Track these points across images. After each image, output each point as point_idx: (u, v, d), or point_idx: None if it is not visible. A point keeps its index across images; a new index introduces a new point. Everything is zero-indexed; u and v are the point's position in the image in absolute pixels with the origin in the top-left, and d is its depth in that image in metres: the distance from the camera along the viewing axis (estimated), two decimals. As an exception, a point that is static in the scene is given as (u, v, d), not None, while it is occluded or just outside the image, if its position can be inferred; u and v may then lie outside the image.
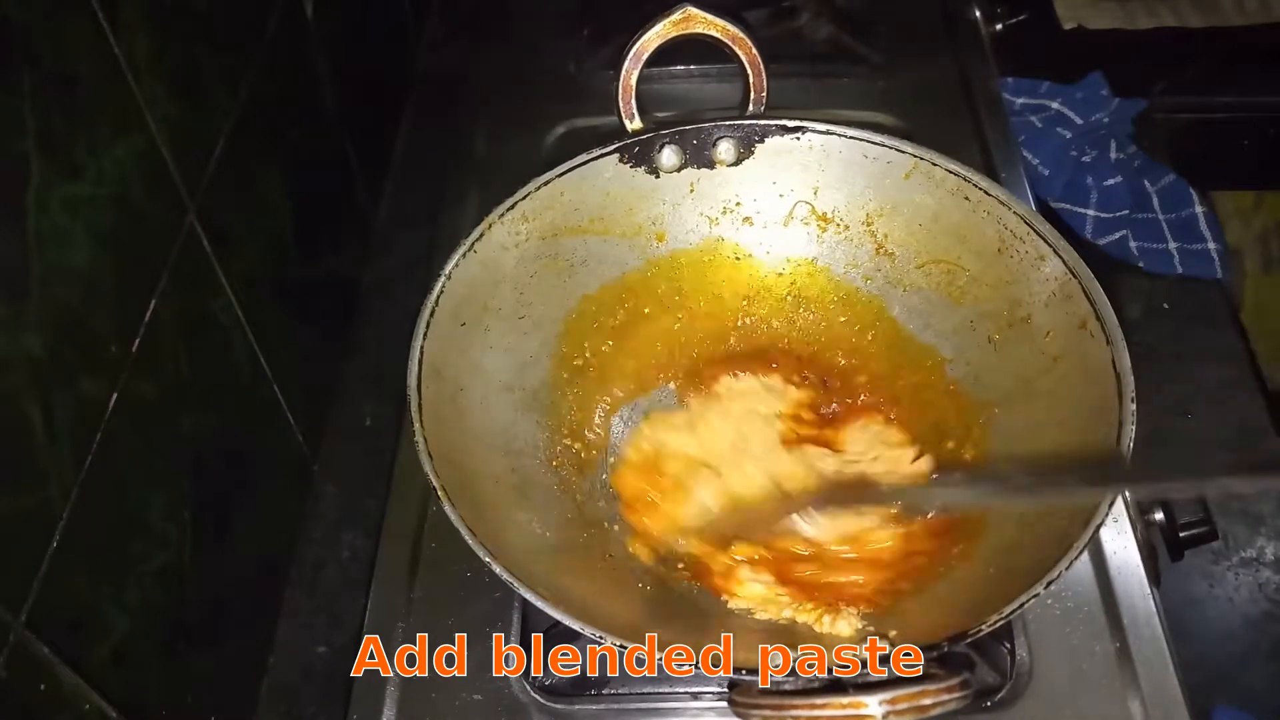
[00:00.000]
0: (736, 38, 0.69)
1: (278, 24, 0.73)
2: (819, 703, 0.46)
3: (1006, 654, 0.63)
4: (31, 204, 0.45)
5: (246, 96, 0.67)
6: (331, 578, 0.74)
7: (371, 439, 0.80)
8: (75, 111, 0.48)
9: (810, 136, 0.70)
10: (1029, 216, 0.64)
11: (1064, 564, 0.50)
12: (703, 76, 1.01)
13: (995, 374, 0.67)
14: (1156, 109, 1.11)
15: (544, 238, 0.70)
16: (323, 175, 0.85)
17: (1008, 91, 1.09)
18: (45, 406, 0.46)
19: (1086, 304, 0.60)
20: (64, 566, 0.47)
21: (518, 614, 0.66)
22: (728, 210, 0.74)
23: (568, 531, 0.64)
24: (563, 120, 0.98)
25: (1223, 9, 1.21)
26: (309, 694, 0.69)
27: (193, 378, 0.59)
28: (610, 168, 0.70)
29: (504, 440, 0.65)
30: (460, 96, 1.03)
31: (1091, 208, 1.05)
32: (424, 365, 0.60)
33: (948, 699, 0.45)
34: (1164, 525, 0.72)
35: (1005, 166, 0.93)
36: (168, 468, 0.57)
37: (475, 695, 0.64)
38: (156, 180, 0.56)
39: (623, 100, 0.70)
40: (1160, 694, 0.62)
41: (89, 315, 0.49)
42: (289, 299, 0.74)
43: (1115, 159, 1.07)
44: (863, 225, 0.73)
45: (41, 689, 0.46)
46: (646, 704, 0.63)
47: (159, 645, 0.56)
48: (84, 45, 0.49)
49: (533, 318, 0.70)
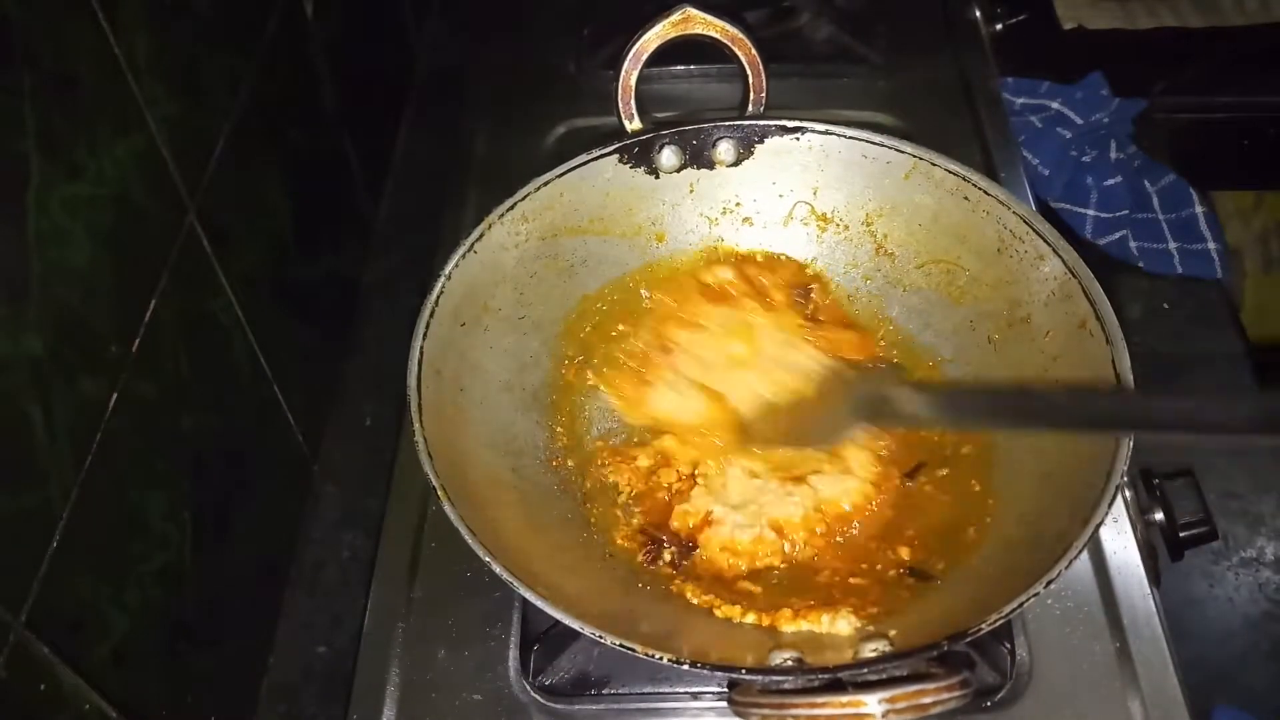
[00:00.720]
0: (736, 38, 0.69)
1: (278, 24, 0.73)
2: (819, 701, 0.46)
3: (1006, 654, 0.63)
4: (31, 204, 0.45)
5: (246, 96, 0.67)
6: (331, 578, 0.74)
7: (371, 439, 0.80)
8: (75, 111, 0.48)
9: (810, 137, 0.70)
10: (1029, 216, 0.64)
11: (1064, 564, 0.50)
12: (703, 76, 1.01)
13: (995, 374, 0.67)
14: (1156, 109, 1.11)
15: (544, 238, 0.70)
16: (323, 175, 0.85)
17: (1008, 91, 1.09)
18: (45, 406, 0.46)
19: (1086, 304, 0.60)
20: (64, 566, 0.47)
21: (518, 614, 0.66)
22: (727, 210, 0.74)
23: (568, 531, 0.64)
24: (563, 120, 0.98)
25: (1223, 9, 1.21)
26: (309, 694, 0.69)
27: (193, 378, 0.59)
28: (610, 168, 0.70)
29: (504, 440, 0.65)
30: (460, 96, 1.03)
31: (1091, 208, 1.05)
32: (424, 365, 0.60)
33: (947, 698, 0.45)
34: (1164, 525, 0.72)
35: (1005, 166, 0.93)
36: (168, 468, 0.57)
37: (475, 695, 0.64)
38: (156, 180, 0.56)
39: (623, 100, 0.70)
40: (1160, 694, 0.62)
41: (89, 315, 0.49)
42: (289, 299, 0.74)
43: (1115, 159, 1.07)
44: (862, 225, 0.73)
45: (41, 689, 0.46)
46: (646, 704, 0.63)
47: (159, 645, 0.56)
48: (84, 45, 0.49)
49: (533, 318, 0.70)
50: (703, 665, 0.49)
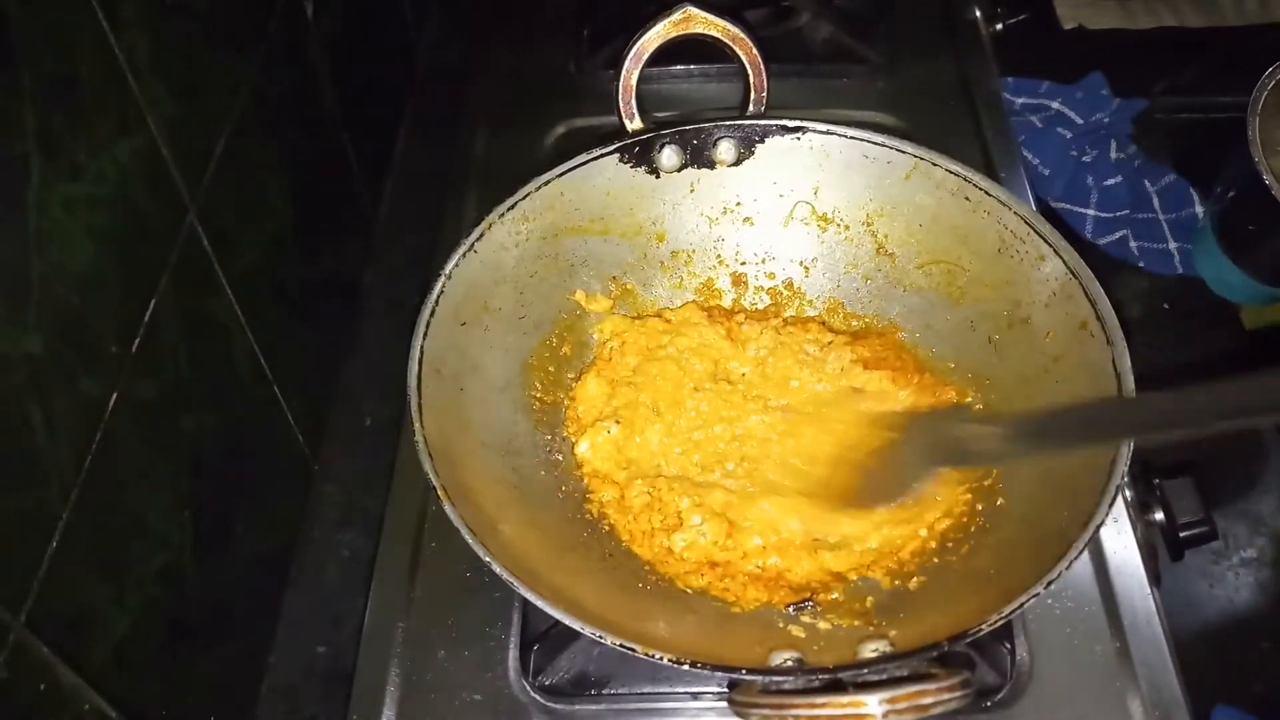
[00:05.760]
0: (736, 38, 0.69)
1: (278, 24, 0.73)
2: (819, 702, 0.46)
3: (1006, 654, 0.63)
4: (31, 204, 0.45)
5: (246, 96, 0.67)
6: (331, 578, 0.74)
7: (371, 439, 0.80)
8: (75, 111, 0.48)
9: (810, 137, 0.70)
10: (1029, 216, 0.64)
11: (1064, 564, 0.50)
12: (703, 76, 1.01)
13: (995, 374, 0.67)
14: (1156, 109, 1.11)
15: (544, 238, 0.70)
16: (323, 175, 0.85)
17: (1008, 91, 1.09)
18: (45, 406, 0.46)
19: (1086, 304, 0.60)
20: (64, 566, 0.47)
21: (518, 614, 0.66)
22: (728, 210, 0.74)
23: (568, 531, 0.64)
24: (563, 120, 0.98)
25: (1223, 9, 1.21)
26: (309, 694, 0.69)
27: (193, 378, 0.59)
28: (610, 168, 0.70)
29: (504, 440, 0.65)
30: (460, 96, 1.03)
31: (1091, 208, 1.05)
32: (424, 365, 0.60)
33: (948, 698, 0.45)
34: (1164, 525, 0.72)
35: (1005, 166, 0.93)
36: (168, 468, 0.57)
37: (475, 695, 0.64)
38: (156, 180, 0.56)
39: (623, 100, 0.70)
40: (1160, 694, 0.62)
41: (89, 315, 0.49)
42: (289, 299, 0.74)
43: (1115, 159, 1.07)
44: (863, 225, 0.73)
45: (41, 689, 0.46)
46: (646, 704, 0.63)
47: (159, 645, 0.56)
48: (84, 45, 0.49)
49: (533, 318, 0.70)
50: (703, 665, 0.49)
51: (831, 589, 0.61)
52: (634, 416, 0.68)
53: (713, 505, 0.64)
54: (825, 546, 0.62)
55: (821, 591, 0.61)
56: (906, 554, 0.62)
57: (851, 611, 0.59)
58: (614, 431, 0.67)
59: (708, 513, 0.63)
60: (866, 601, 0.60)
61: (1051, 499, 0.57)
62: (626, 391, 0.69)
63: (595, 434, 0.67)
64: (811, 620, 0.59)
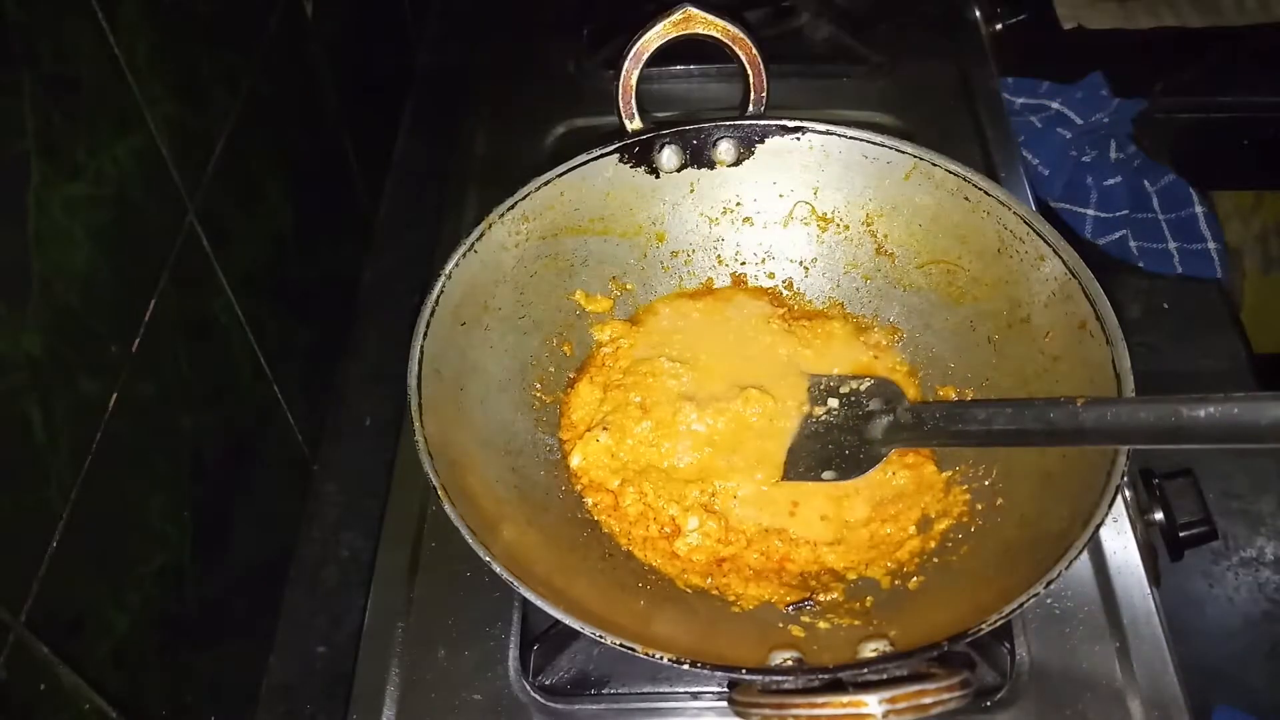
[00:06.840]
0: (736, 38, 0.69)
1: (278, 24, 0.73)
2: (819, 702, 0.46)
3: (1006, 654, 0.63)
4: (31, 204, 0.45)
5: (246, 96, 0.67)
6: (331, 578, 0.74)
7: (371, 439, 0.80)
8: (75, 111, 0.48)
9: (810, 137, 0.70)
10: (1029, 217, 0.64)
11: (1064, 564, 0.50)
12: (703, 76, 1.01)
13: (995, 374, 0.67)
14: (1156, 109, 1.12)
15: (544, 238, 0.70)
16: (323, 175, 0.85)
17: (1008, 91, 1.09)
18: (45, 406, 0.46)
19: (1086, 304, 0.60)
20: (64, 566, 0.47)
21: (518, 614, 0.66)
22: (728, 210, 0.74)
23: (568, 531, 0.64)
24: (563, 120, 0.99)
25: (1223, 9, 1.21)
26: (309, 694, 0.69)
27: (193, 378, 0.59)
28: (610, 168, 0.70)
29: (504, 440, 0.65)
30: (460, 96, 1.03)
31: (1091, 208, 1.05)
32: (424, 365, 0.60)
33: (948, 698, 0.45)
34: (1164, 525, 0.72)
35: (1005, 166, 0.93)
36: (168, 468, 0.57)
37: (475, 695, 0.64)
38: (156, 180, 0.56)
39: (623, 100, 0.70)
40: (1160, 694, 0.62)
41: (89, 315, 0.49)
42: (289, 299, 0.74)
43: (1115, 159, 1.07)
44: (863, 225, 0.73)
45: (41, 689, 0.46)
46: (646, 704, 0.63)
47: (159, 645, 0.56)
48: (84, 45, 0.49)
49: (533, 318, 0.70)
50: (703, 665, 0.48)
51: (831, 589, 0.61)
52: (624, 419, 0.68)
53: (702, 504, 0.64)
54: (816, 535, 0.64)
55: (821, 591, 0.61)
56: (906, 554, 0.62)
57: (851, 611, 0.59)
58: (604, 440, 0.67)
59: (700, 514, 0.64)
60: (866, 601, 0.60)
61: (1051, 499, 0.57)
62: (616, 394, 0.69)
63: (586, 445, 0.67)
64: (811, 620, 0.59)
